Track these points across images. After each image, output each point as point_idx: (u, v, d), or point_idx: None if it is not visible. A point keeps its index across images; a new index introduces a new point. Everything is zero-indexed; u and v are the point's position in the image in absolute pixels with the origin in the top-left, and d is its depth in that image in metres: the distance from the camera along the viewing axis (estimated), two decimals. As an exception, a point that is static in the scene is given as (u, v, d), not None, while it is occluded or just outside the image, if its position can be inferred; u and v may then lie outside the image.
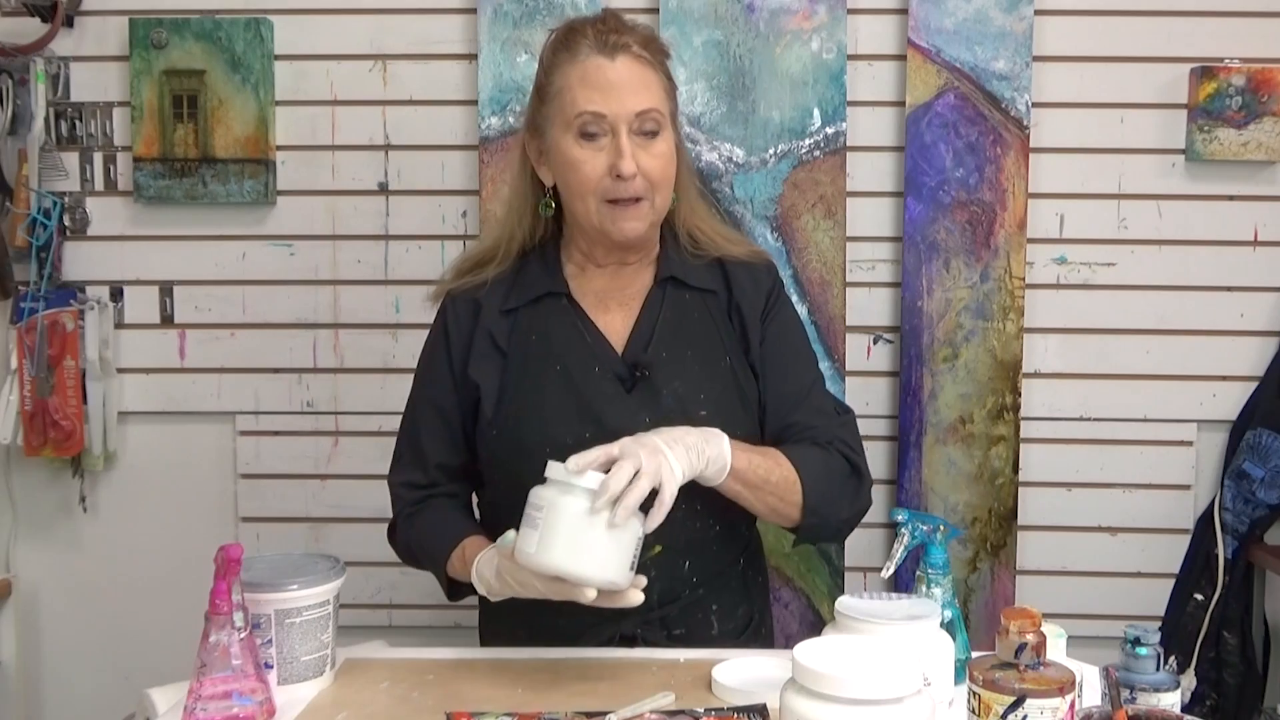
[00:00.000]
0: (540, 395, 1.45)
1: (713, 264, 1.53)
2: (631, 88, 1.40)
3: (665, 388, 1.44)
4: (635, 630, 1.45)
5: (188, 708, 1.19)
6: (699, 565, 1.47)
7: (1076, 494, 2.25)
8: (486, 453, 1.49)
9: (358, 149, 2.24)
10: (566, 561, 1.21)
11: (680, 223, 1.53)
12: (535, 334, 1.48)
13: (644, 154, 1.41)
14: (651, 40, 1.45)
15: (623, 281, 1.51)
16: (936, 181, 2.17)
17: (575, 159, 1.41)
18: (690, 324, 1.49)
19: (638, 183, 1.40)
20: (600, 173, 1.40)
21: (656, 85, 1.43)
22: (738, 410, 1.47)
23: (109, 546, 2.33)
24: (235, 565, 1.19)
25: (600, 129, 1.40)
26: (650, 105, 1.41)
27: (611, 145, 1.40)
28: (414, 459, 1.53)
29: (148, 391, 2.29)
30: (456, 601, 1.51)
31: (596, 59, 1.40)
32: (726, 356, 1.49)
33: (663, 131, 1.43)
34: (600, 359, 1.46)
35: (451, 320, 1.52)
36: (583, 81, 1.40)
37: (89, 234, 2.26)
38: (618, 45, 1.41)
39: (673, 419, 1.40)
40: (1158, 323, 2.23)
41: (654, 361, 1.45)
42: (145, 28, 2.19)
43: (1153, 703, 1.10)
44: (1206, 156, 2.17)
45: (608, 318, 1.49)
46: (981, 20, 2.15)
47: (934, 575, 1.34)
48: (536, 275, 1.51)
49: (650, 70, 1.43)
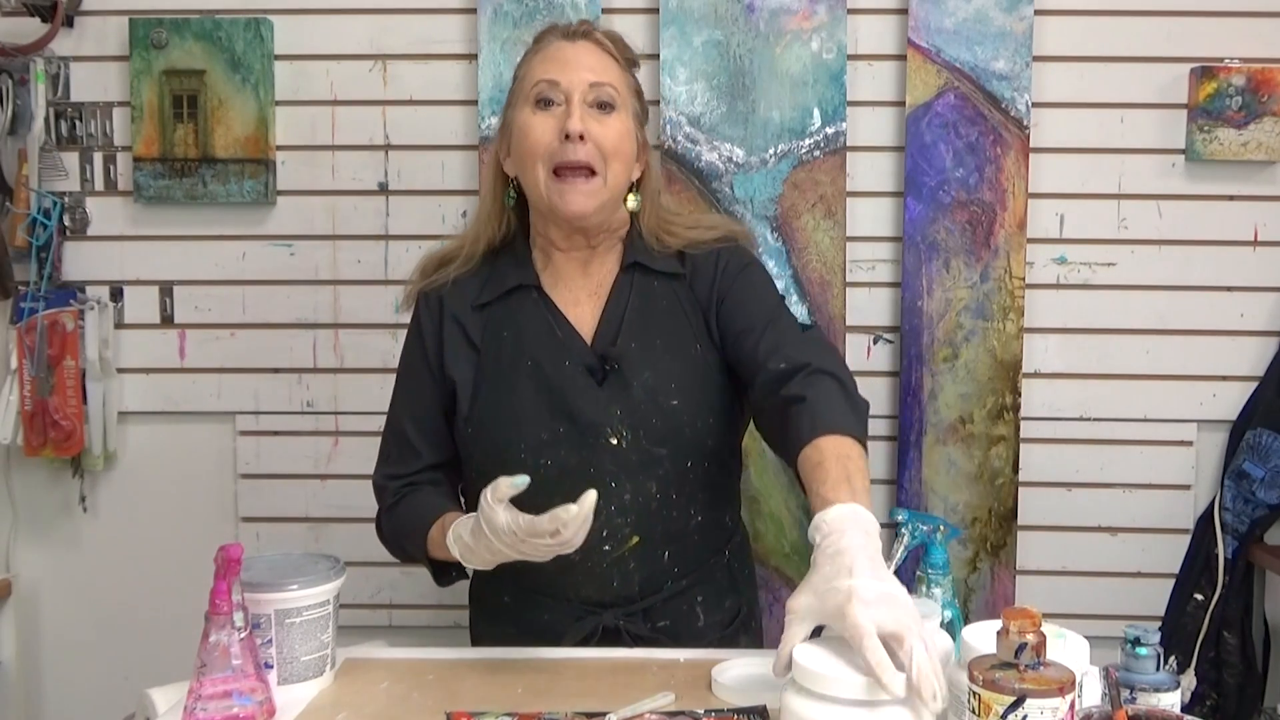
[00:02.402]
0: (512, 393, 1.46)
1: (677, 254, 1.53)
2: (588, 64, 1.45)
3: (635, 379, 1.44)
4: (618, 622, 1.45)
5: (188, 708, 1.19)
6: (680, 556, 1.47)
7: (1076, 494, 2.25)
8: (464, 449, 1.51)
9: (358, 149, 2.24)
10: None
11: (646, 227, 1.53)
12: (507, 330, 1.49)
13: (595, 123, 1.43)
14: (617, 40, 1.50)
15: (590, 269, 1.52)
16: (936, 181, 2.17)
17: (528, 125, 1.44)
18: (658, 312, 1.49)
19: (587, 148, 1.42)
20: (550, 136, 1.42)
21: (615, 70, 1.48)
22: (710, 394, 1.47)
23: (109, 546, 2.33)
24: (235, 565, 1.19)
25: (554, 96, 1.44)
26: (605, 80, 1.45)
27: (563, 112, 1.43)
28: (399, 455, 1.55)
29: (148, 391, 2.29)
30: (445, 586, 1.51)
31: (559, 43, 1.48)
32: (695, 343, 1.49)
33: (619, 110, 1.46)
34: (570, 352, 1.47)
35: (425, 317, 1.54)
36: (543, 60, 1.47)
37: (89, 234, 2.26)
38: (580, 32, 1.48)
39: (643, 409, 1.42)
40: (1158, 323, 2.23)
41: (623, 353, 1.46)
42: (145, 28, 2.19)
43: (1153, 703, 1.10)
44: (1206, 156, 2.17)
45: (577, 309, 1.50)
46: (981, 20, 2.15)
47: (934, 575, 1.34)
48: (507, 269, 1.52)
49: (610, 58, 1.48)
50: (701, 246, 1.53)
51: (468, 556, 1.31)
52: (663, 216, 1.55)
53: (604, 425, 1.42)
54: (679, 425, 1.43)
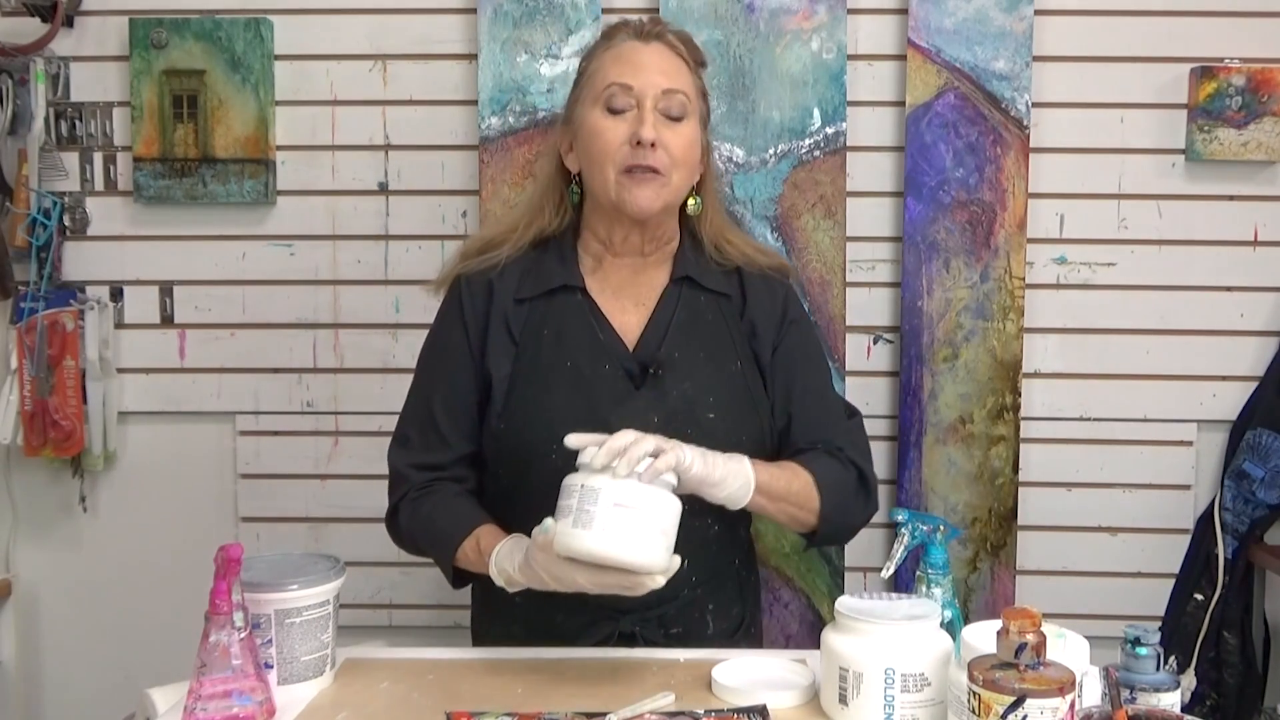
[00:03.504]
0: (548, 394, 1.44)
1: (730, 271, 1.54)
2: (661, 69, 1.45)
3: (675, 388, 1.44)
4: (634, 628, 1.45)
5: (188, 708, 1.19)
6: (698, 564, 1.47)
7: (1076, 494, 2.25)
8: (492, 446, 1.48)
9: (358, 149, 2.24)
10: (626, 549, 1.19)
11: (706, 230, 1.54)
12: (548, 328, 1.47)
13: (666, 130, 1.44)
14: (688, 42, 1.51)
15: (639, 277, 1.52)
16: (936, 181, 2.17)
17: (599, 127, 1.44)
18: (704, 325, 1.50)
19: (658, 154, 1.42)
20: (621, 139, 1.43)
21: (686, 75, 1.47)
22: (746, 414, 1.48)
23: (109, 546, 2.33)
24: (235, 565, 1.19)
25: (626, 103, 1.43)
26: (678, 86, 1.45)
27: (634, 117, 1.43)
28: (423, 441, 1.50)
29: (148, 391, 2.29)
30: (459, 589, 1.49)
31: (632, 43, 1.47)
32: (738, 360, 1.49)
33: (688, 118, 1.46)
34: (611, 355, 1.46)
35: (467, 301, 1.50)
36: (615, 60, 1.46)
37: (89, 234, 2.26)
38: (654, 33, 1.47)
39: (680, 419, 1.41)
40: (1158, 323, 2.23)
41: (665, 360, 1.45)
42: (145, 28, 2.19)
43: (1153, 703, 1.10)
44: (1206, 156, 2.17)
45: (623, 316, 1.50)
46: (981, 20, 2.15)
47: (934, 575, 1.34)
48: (552, 267, 1.50)
49: (682, 62, 1.48)
50: (755, 266, 1.55)
51: (512, 585, 1.33)
52: (724, 225, 1.56)
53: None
54: (713, 438, 1.40)
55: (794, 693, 1.26)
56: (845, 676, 1.17)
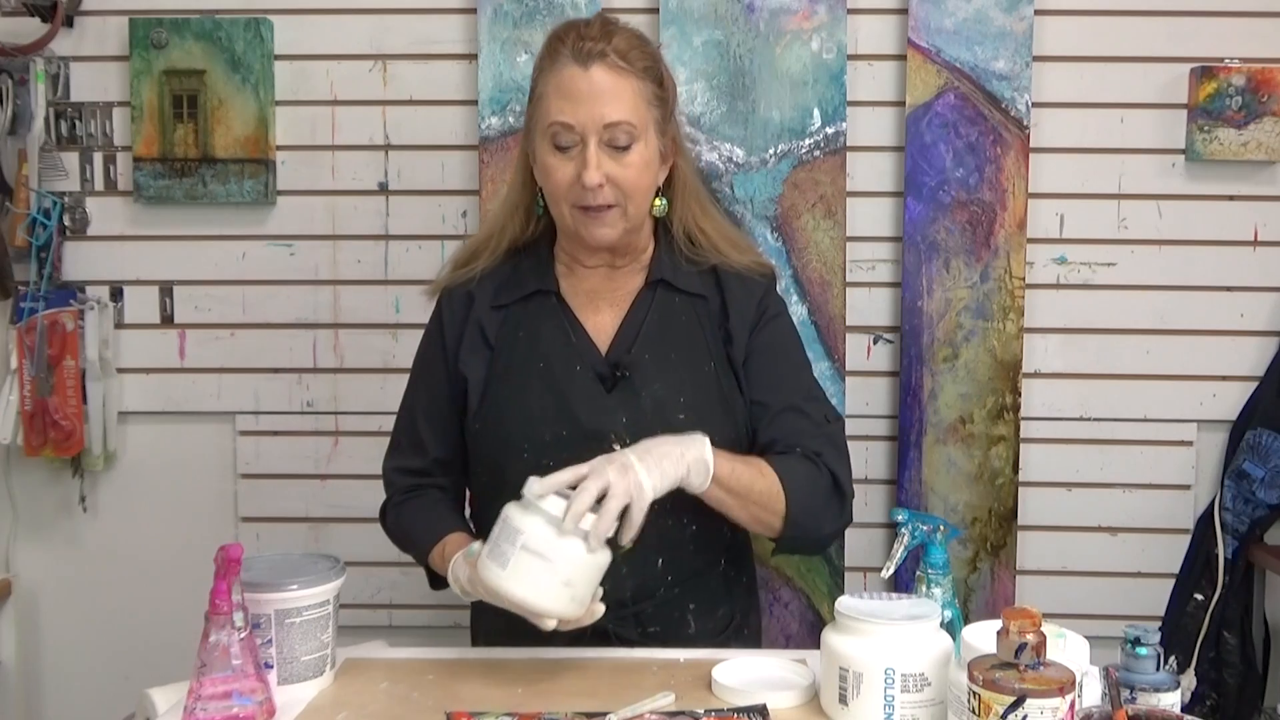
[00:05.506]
0: (522, 393, 1.47)
1: (707, 272, 1.53)
2: (603, 99, 1.39)
3: (645, 389, 1.45)
4: (608, 625, 1.44)
5: (188, 708, 1.19)
6: (673, 564, 1.47)
7: (1076, 494, 2.25)
8: (472, 446, 1.52)
9: (358, 149, 2.24)
10: (524, 593, 1.21)
11: (678, 222, 1.52)
12: (523, 331, 1.50)
13: (613, 164, 1.41)
14: (633, 49, 1.43)
15: (613, 283, 1.53)
16: (936, 181, 2.17)
17: (548, 166, 1.43)
18: (677, 327, 1.50)
19: (606, 191, 1.41)
20: (570, 180, 1.41)
21: (631, 95, 1.41)
22: (718, 415, 1.47)
23: (109, 546, 2.33)
24: (235, 565, 1.19)
25: (570, 139, 1.40)
26: (621, 118, 1.39)
27: (580, 155, 1.40)
28: (410, 446, 1.57)
29: (148, 391, 2.29)
30: (439, 590, 1.52)
31: (571, 68, 1.40)
32: (711, 362, 1.49)
33: (635, 143, 1.42)
34: (583, 358, 1.47)
35: (446, 313, 1.55)
36: (557, 91, 1.41)
37: (89, 234, 2.26)
38: (593, 54, 1.39)
39: (650, 420, 1.41)
40: (1158, 323, 2.23)
41: (635, 363, 1.46)
42: (145, 28, 2.19)
43: (1153, 703, 1.10)
44: (1206, 156, 2.17)
45: (597, 318, 1.51)
46: (981, 20, 2.15)
47: (934, 575, 1.34)
48: (528, 272, 1.52)
49: (626, 79, 1.41)
50: (732, 264, 1.52)
51: (464, 595, 1.36)
52: (696, 214, 1.53)
53: (607, 432, 1.42)
54: None
55: (794, 693, 1.26)
56: (845, 676, 1.17)
